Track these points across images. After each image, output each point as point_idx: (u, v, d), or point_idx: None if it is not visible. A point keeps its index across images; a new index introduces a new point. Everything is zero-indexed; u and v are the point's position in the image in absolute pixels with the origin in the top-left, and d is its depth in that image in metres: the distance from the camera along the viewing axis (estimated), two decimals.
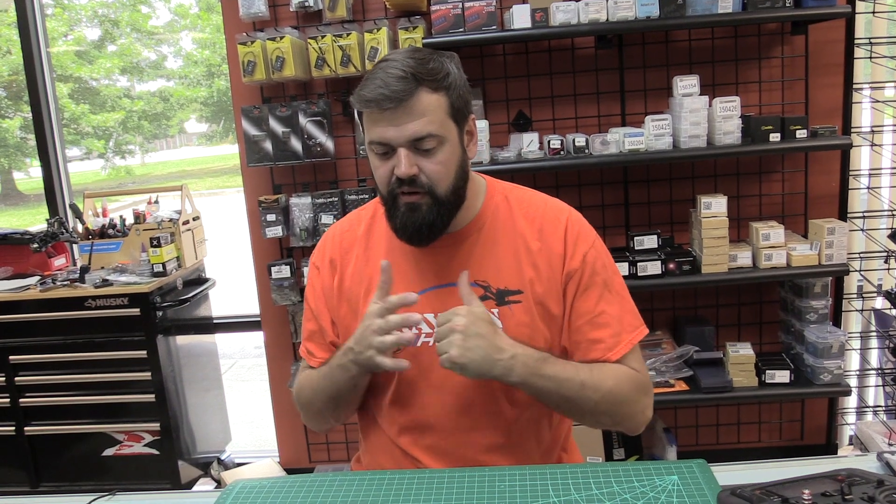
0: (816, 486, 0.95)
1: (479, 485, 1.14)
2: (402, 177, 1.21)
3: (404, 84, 1.18)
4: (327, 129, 2.75)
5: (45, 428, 2.89)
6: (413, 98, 1.19)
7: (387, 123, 1.20)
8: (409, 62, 1.20)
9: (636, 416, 1.33)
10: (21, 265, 3.05)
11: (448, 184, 1.25)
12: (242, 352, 5.66)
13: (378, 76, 1.19)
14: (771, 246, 2.54)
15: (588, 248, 1.33)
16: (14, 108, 11.30)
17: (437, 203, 1.24)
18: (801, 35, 2.68)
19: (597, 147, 2.55)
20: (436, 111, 1.21)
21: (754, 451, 2.99)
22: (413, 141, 1.20)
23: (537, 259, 1.32)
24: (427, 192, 1.23)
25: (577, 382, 1.25)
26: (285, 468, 3.17)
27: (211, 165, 16.36)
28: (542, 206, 1.38)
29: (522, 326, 1.29)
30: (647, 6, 2.45)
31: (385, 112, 1.19)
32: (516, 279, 1.31)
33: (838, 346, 2.56)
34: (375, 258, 1.36)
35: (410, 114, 1.19)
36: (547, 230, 1.34)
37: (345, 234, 1.42)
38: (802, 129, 2.51)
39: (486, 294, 1.30)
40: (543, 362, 1.25)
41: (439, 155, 1.23)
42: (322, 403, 1.38)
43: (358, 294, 1.36)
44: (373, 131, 1.22)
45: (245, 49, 2.66)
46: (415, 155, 1.21)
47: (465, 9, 2.50)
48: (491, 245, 1.33)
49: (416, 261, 1.34)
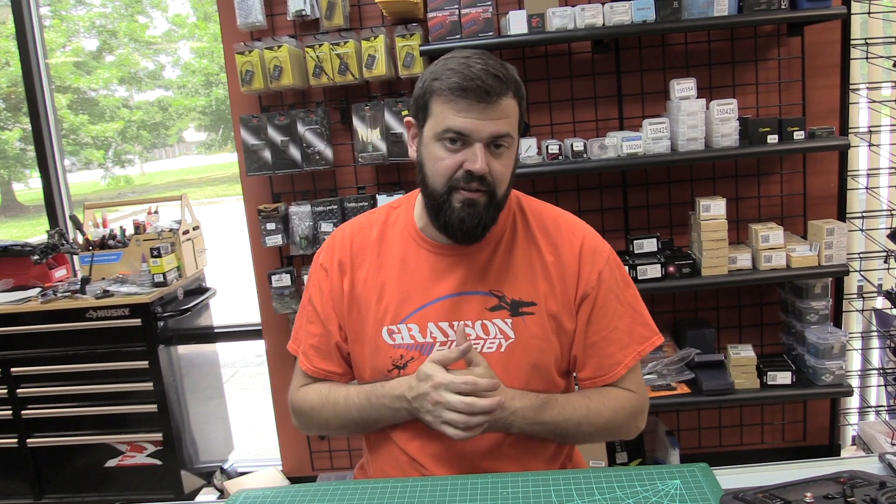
0: (819, 488, 0.95)
1: (482, 491, 1.14)
2: (476, 172, 1.21)
3: (499, 83, 1.20)
4: (326, 138, 2.75)
5: (47, 440, 2.89)
6: (503, 98, 1.21)
7: (475, 116, 1.20)
8: (494, 64, 1.22)
9: (630, 433, 1.40)
10: (22, 277, 3.06)
11: (506, 186, 1.27)
12: (244, 360, 5.65)
13: (464, 69, 1.20)
14: (770, 247, 2.54)
15: (603, 265, 1.35)
16: (13, 119, 11.31)
17: (493, 203, 1.25)
18: (798, 37, 2.69)
19: (595, 151, 2.55)
20: (514, 115, 1.24)
21: (757, 453, 2.99)
22: (492, 138, 1.22)
23: (552, 273, 1.33)
24: (488, 192, 1.24)
25: (574, 422, 1.30)
26: (288, 477, 3.17)
27: (210, 174, 16.37)
28: (556, 220, 1.39)
29: (535, 339, 1.31)
30: (644, 10, 2.46)
31: (477, 105, 1.19)
32: (531, 291, 1.32)
33: (839, 347, 2.56)
34: (389, 265, 1.36)
35: (498, 112, 1.21)
36: (562, 246, 1.35)
37: (355, 237, 1.41)
38: (800, 130, 2.51)
39: (500, 304, 1.31)
40: (541, 410, 1.28)
41: (506, 158, 1.25)
42: (344, 426, 1.39)
43: (370, 300, 1.35)
44: (453, 119, 1.21)
45: (243, 58, 2.66)
46: (487, 154, 1.22)
47: (461, 15, 2.51)
48: (508, 255, 1.34)
49: (432, 267, 1.34)
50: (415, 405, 1.25)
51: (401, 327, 1.32)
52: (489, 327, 1.30)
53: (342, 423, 1.37)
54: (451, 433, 1.21)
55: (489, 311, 1.31)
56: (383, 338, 1.33)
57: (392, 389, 1.29)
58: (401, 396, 1.27)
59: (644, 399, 1.38)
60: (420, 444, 1.33)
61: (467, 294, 1.31)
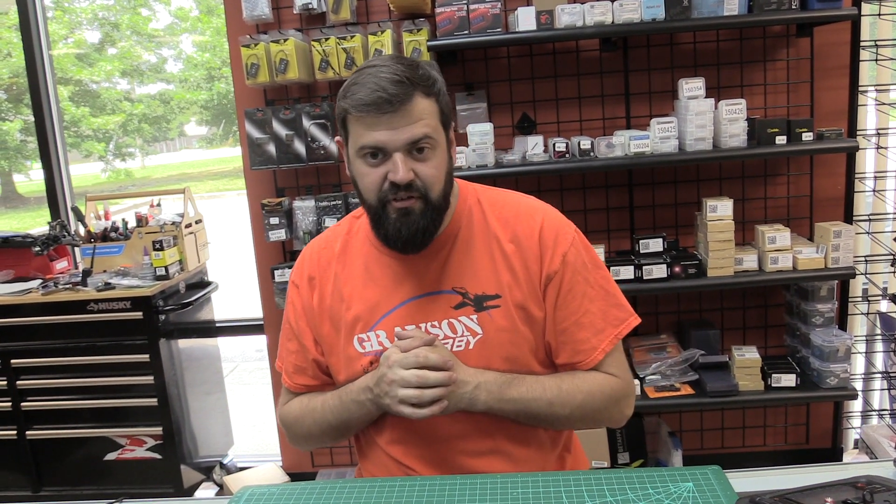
0: (837, 493, 0.93)
1: (491, 491, 1.13)
2: (399, 182, 1.19)
3: (401, 88, 1.17)
4: (331, 132, 2.74)
5: (46, 432, 2.88)
6: (410, 102, 1.18)
7: (384, 127, 1.18)
8: (399, 67, 1.19)
9: (613, 418, 1.36)
10: (23, 268, 3.04)
11: (440, 188, 1.24)
12: (243, 356, 5.64)
13: (369, 81, 1.18)
14: (777, 249, 2.53)
15: (567, 247, 1.31)
16: (14, 110, 11.29)
17: (430, 207, 1.23)
18: (807, 37, 2.67)
19: (602, 150, 2.54)
20: (430, 115, 1.21)
21: (759, 455, 2.98)
22: (410, 144, 1.19)
23: (513, 262, 1.30)
24: (421, 197, 1.22)
25: (545, 401, 1.27)
26: (288, 472, 3.15)
27: (211, 168, 16.37)
28: (515, 207, 1.36)
29: (503, 332, 1.28)
30: (653, 8, 2.44)
31: (383, 116, 1.17)
32: (493, 284, 1.30)
33: (844, 350, 2.55)
34: (353, 275, 1.35)
35: (408, 117, 1.18)
36: (521, 232, 1.32)
37: (322, 252, 1.41)
38: (808, 131, 2.50)
39: (464, 301, 1.29)
40: (508, 386, 1.26)
41: (433, 160, 1.22)
42: (324, 432, 1.38)
43: (339, 311, 1.35)
44: (366, 136, 1.19)
45: (248, 51, 2.65)
46: (409, 160, 1.20)
47: (469, 11, 2.49)
48: (466, 250, 1.32)
49: (394, 272, 1.33)
50: (376, 391, 1.24)
51: (370, 335, 1.32)
52: (456, 325, 1.29)
53: (321, 429, 1.37)
54: (408, 412, 1.20)
55: (454, 308, 1.29)
56: (354, 347, 1.33)
57: (359, 384, 1.30)
58: (366, 388, 1.27)
59: (627, 384, 1.34)
60: (404, 448, 1.32)
61: (431, 294, 1.30)
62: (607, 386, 1.30)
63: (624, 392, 1.33)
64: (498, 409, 1.26)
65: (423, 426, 1.28)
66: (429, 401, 1.19)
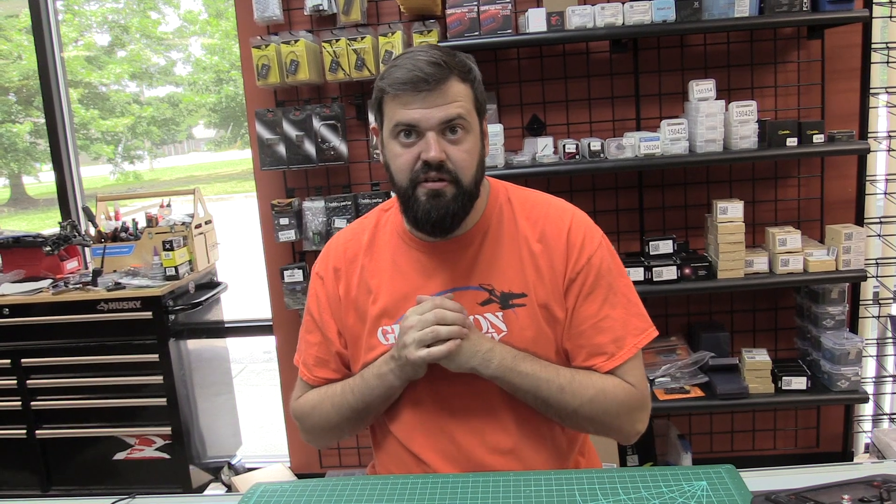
0: (854, 491, 0.93)
1: (503, 490, 1.12)
2: (430, 161, 1.19)
3: (438, 69, 1.19)
4: (341, 133, 2.74)
5: (56, 431, 2.89)
6: (446, 83, 1.20)
7: (419, 105, 1.19)
8: (436, 52, 1.22)
9: (623, 429, 1.31)
10: (33, 268, 3.05)
11: (472, 173, 1.25)
12: (251, 357, 5.65)
13: (407, 63, 1.20)
14: (788, 251, 2.52)
15: (594, 249, 1.31)
16: (24, 113, 11.35)
17: (461, 192, 1.23)
18: (818, 39, 2.67)
19: (612, 151, 2.53)
20: (465, 99, 1.23)
21: (770, 459, 2.96)
22: (444, 124, 1.20)
23: (540, 261, 1.30)
24: (452, 180, 1.22)
25: (556, 385, 1.25)
26: (296, 473, 3.15)
27: (219, 170, 16.42)
28: (545, 207, 1.36)
29: (527, 330, 1.28)
30: (664, 10, 2.44)
31: (418, 94, 1.19)
32: (520, 282, 1.30)
33: (856, 353, 2.54)
34: (380, 268, 1.36)
35: (444, 97, 1.20)
36: (549, 232, 1.32)
37: (349, 244, 1.41)
38: (819, 133, 2.49)
39: (490, 298, 1.30)
40: (522, 360, 1.26)
41: (465, 143, 1.23)
42: (343, 417, 1.36)
43: (365, 303, 1.35)
44: (401, 114, 1.21)
45: (259, 52, 2.66)
46: (443, 141, 1.21)
47: (480, 12, 2.49)
48: (495, 248, 1.32)
49: (422, 266, 1.33)
50: (396, 351, 1.25)
51: (395, 327, 1.32)
52: (481, 322, 1.29)
53: (340, 413, 1.36)
54: (424, 353, 1.20)
55: (480, 305, 1.30)
56: (377, 338, 1.33)
57: (382, 358, 1.30)
58: (388, 358, 1.28)
59: (643, 395, 1.30)
60: (424, 442, 1.31)
61: (458, 290, 1.30)
62: (622, 391, 1.28)
63: (639, 403, 1.30)
64: (508, 380, 1.24)
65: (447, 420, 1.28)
66: (445, 336, 1.20)
